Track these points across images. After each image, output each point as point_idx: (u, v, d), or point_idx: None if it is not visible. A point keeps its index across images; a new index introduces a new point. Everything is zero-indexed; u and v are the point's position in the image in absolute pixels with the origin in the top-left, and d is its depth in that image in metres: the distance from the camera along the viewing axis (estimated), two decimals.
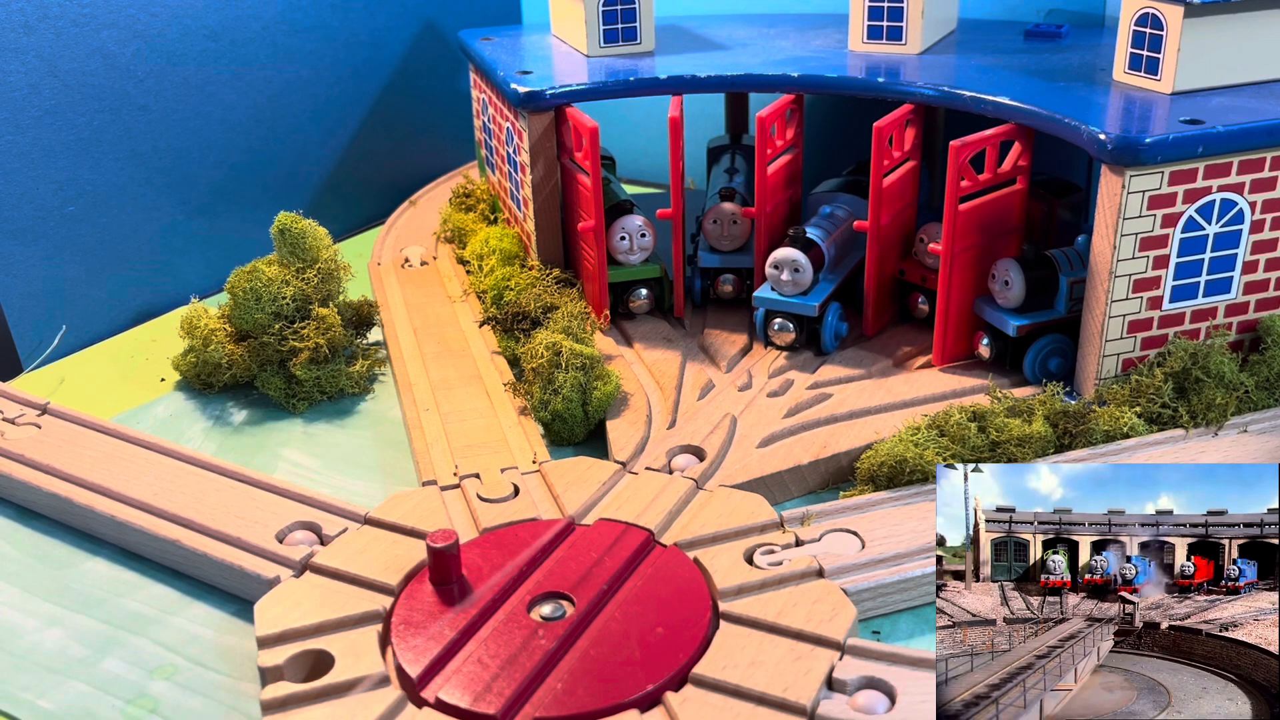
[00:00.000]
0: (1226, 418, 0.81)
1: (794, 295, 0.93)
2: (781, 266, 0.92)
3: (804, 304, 0.92)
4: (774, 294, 0.93)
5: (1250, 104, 0.83)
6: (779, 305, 0.94)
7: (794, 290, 0.93)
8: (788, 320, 0.93)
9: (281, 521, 0.75)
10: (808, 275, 0.92)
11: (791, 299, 0.93)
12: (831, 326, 0.94)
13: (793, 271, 0.92)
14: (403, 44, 1.37)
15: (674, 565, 0.69)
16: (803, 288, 0.92)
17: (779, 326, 0.94)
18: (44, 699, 0.65)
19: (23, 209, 1.03)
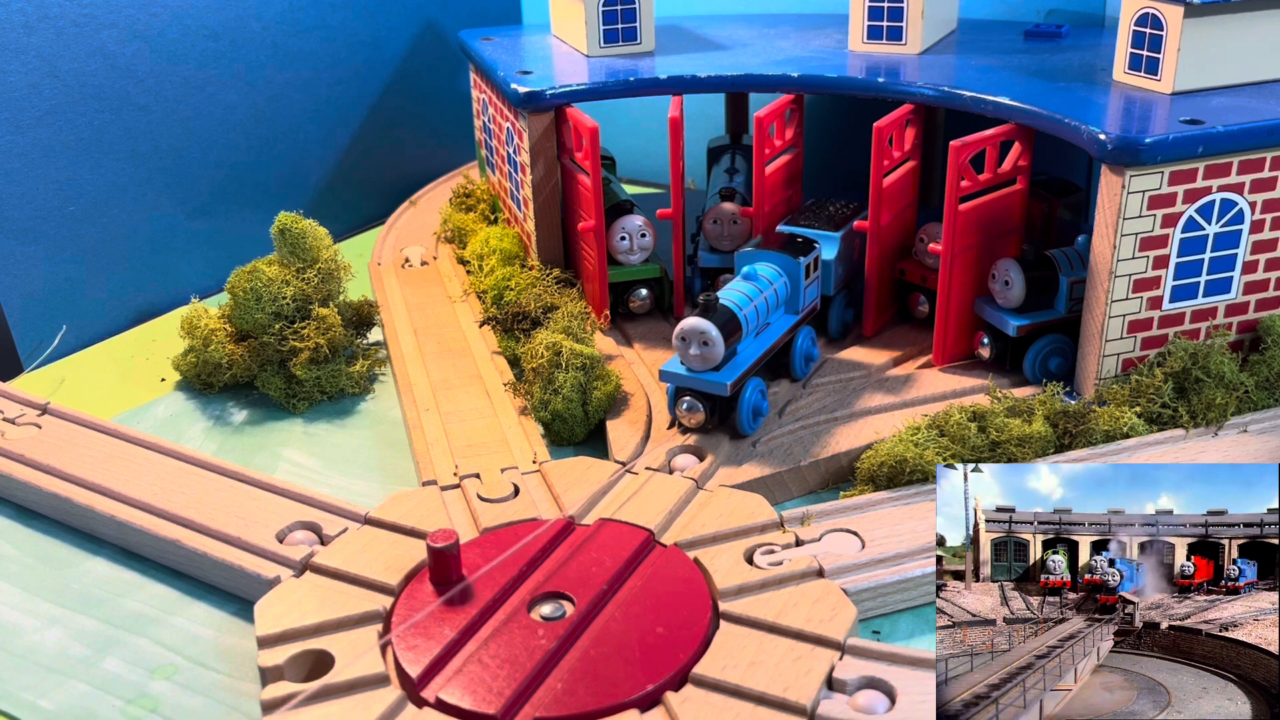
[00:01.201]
0: (1226, 418, 0.81)
1: (704, 371, 0.81)
2: (689, 339, 0.80)
3: (714, 381, 0.80)
4: (681, 369, 0.81)
5: (1250, 104, 0.83)
6: (686, 382, 0.81)
7: (703, 365, 0.80)
8: (697, 399, 0.81)
9: (281, 521, 0.75)
10: (718, 349, 0.79)
11: (700, 375, 0.80)
12: (750, 405, 0.82)
13: (701, 345, 0.79)
14: (403, 44, 1.37)
15: (674, 565, 0.69)
16: (713, 362, 0.80)
17: (687, 406, 0.81)
18: (44, 699, 0.65)
19: (23, 209, 1.03)
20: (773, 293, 0.85)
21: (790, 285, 0.87)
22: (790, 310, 0.88)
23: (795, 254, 0.87)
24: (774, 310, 0.86)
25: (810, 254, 0.88)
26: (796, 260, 0.87)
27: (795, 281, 0.87)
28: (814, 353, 0.91)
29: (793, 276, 0.87)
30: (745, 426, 0.82)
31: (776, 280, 0.86)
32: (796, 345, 0.88)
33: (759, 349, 0.84)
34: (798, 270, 0.87)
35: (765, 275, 0.86)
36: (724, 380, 0.79)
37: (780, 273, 0.87)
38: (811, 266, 0.88)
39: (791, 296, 0.88)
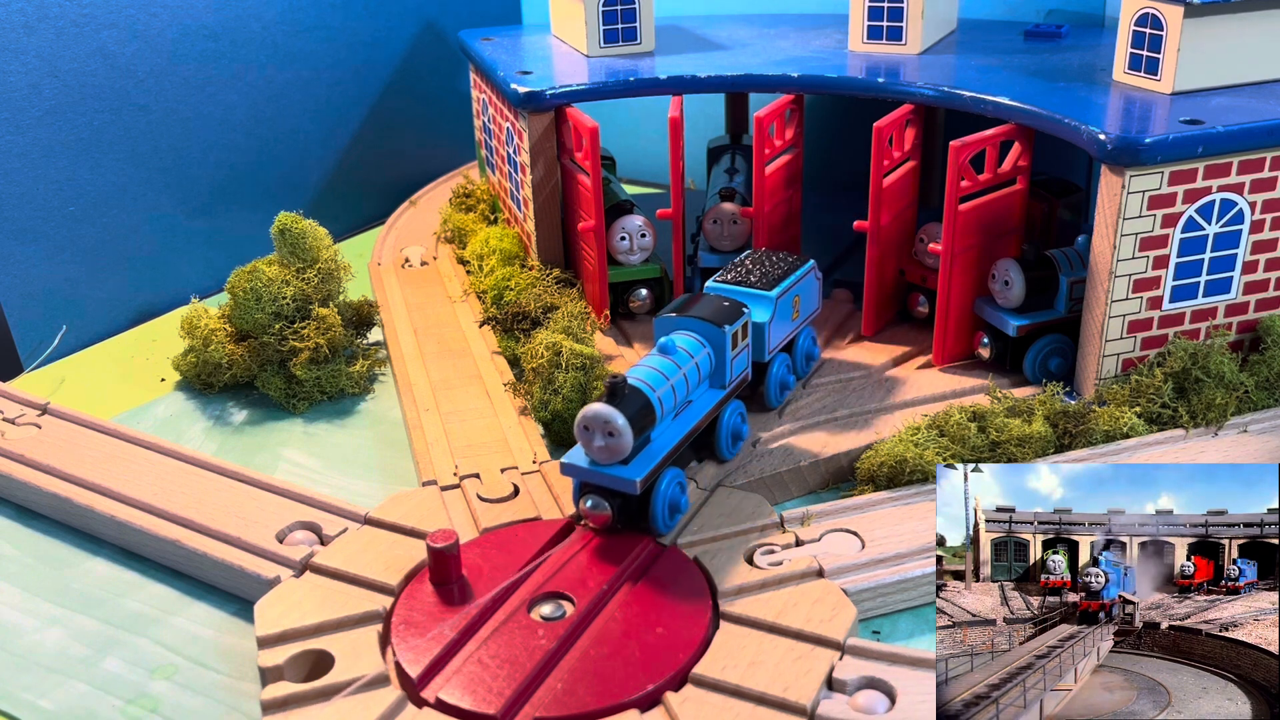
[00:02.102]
0: (1226, 418, 0.81)
1: (610, 464, 0.69)
2: (592, 428, 0.68)
3: (622, 478, 0.69)
4: (585, 461, 0.70)
5: (1250, 104, 0.83)
6: (590, 477, 0.70)
7: (609, 458, 0.69)
8: (602, 498, 0.70)
9: (281, 521, 0.75)
10: (626, 440, 0.68)
11: (606, 470, 0.69)
12: (665, 501, 0.71)
13: (606, 435, 0.68)
14: (403, 44, 1.37)
15: (674, 565, 0.69)
16: (621, 455, 0.69)
17: (591, 504, 0.70)
18: (44, 699, 0.65)
19: (23, 209, 1.03)
20: (693, 367, 0.75)
21: (715, 357, 0.77)
22: (715, 385, 0.78)
23: (720, 321, 0.77)
24: (696, 387, 0.76)
25: (737, 320, 0.78)
26: (721, 329, 0.77)
27: (720, 353, 0.77)
28: (743, 430, 0.81)
29: (717, 347, 0.77)
30: (660, 524, 0.71)
31: (698, 352, 0.76)
32: (723, 423, 0.78)
33: (677, 434, 0.73)
34: (723, 340, 0.77)
35: (685, 347, 0.75)
36: (633, 476, 0.68)
37: (702, 343, 0.76)
38: (740, 334, 0.78)
39: (717, 369, 0.77)
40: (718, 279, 0.86)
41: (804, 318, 0.88)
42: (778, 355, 0.85)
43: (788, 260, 0.88)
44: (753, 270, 0.87)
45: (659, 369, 0.73)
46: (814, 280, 0.89)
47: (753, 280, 0.85)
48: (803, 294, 0.87)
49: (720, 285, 0.86)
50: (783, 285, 0.85)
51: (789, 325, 0.86)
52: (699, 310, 0.78)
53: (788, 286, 0.85)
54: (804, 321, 0.89)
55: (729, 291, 0.85)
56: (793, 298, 0.86)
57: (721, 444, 0.79)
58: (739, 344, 0.79)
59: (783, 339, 0.85)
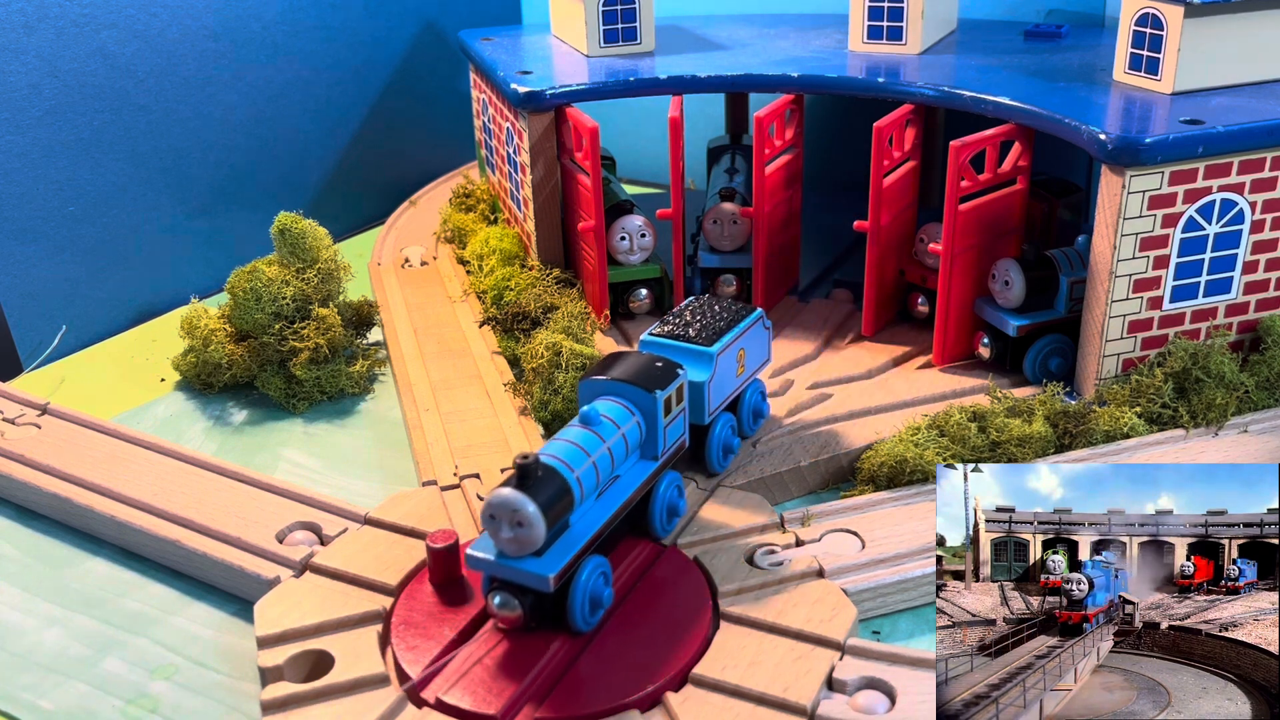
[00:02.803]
0: (1227, 418, 0.81)
1: (520, 557, 0.61)
2: (498, 516, 0.60)
3: (533, 574, 0.60)
4: (491, 554, 0.61)
5: (1250, 104, 0.83)
6: (497, 571, 0.62)
7: (519, 550, 0.60)
8: (512, 595, 0.62)
9: (281, 521, 0.75)
10: (537, 531, 0.59)
11: (515, 563, 0.61)
12: (585, 594, 0.62)
13: (514, 525, 0.59)
14: (403, 44, 1.37)
15: (674, 565, 0.69)
16: (532, 546, 0.60)
17: (499, 602, 0.62)
18: (44, 699, 0.65)
19: (23, 209, 1.03)
20: (620, 439, 0.67)
21: (645, 426, 0.69)
22: (647, 456, 0.70)
23: (651, 385, 0.69)
24: (623, 460, 0.67)
25: (671, 383, 0.70)
26: (652, 394, 0.68)
27: (651, 421, 0.69)
28: (680, 505, 0.72)
29: (648, 415, 0.69)
30: (579, 621, 0.62)
31: (626, 421, 0.68)
32: (657, 499, 0.70)
33: (601, 516, 0.64)
34: (654, 407, 0.69)
35: (610, 416, 0.67)
36: (546, 572, 0.60)
37: (631, 410, 0.69)
38: (674, 398, 0.70)
39: (648, 439, 0.69)
40: (654, 332, 0.78)
41: (750, 372, 0.81)
42: (720, 416, 0.77)
43: (732, 309, 0.81)
44: (692, 322, 0.79)
45: (579, 444, 0.64)
46: (762, 330, 0.82)
47: (691, 334, 0.77)
48: (749, 346, 0.80)
49: (656, 339, 0.78)
50: (725, 339, 0.77)
51: (733, 382, 0.79)
52: (627, 373, 0.70)
53: (731, 340, 0.78)
54: (751, 376, 0.81)
55: (664, 348, 0.77)
56: (737, 351, 0.78)
57: (655, 522, 0.70)
58: (673, 409, 0.70)
59: (726, 398, 0.78)
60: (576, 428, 0.66)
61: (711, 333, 0.77)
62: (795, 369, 0.92)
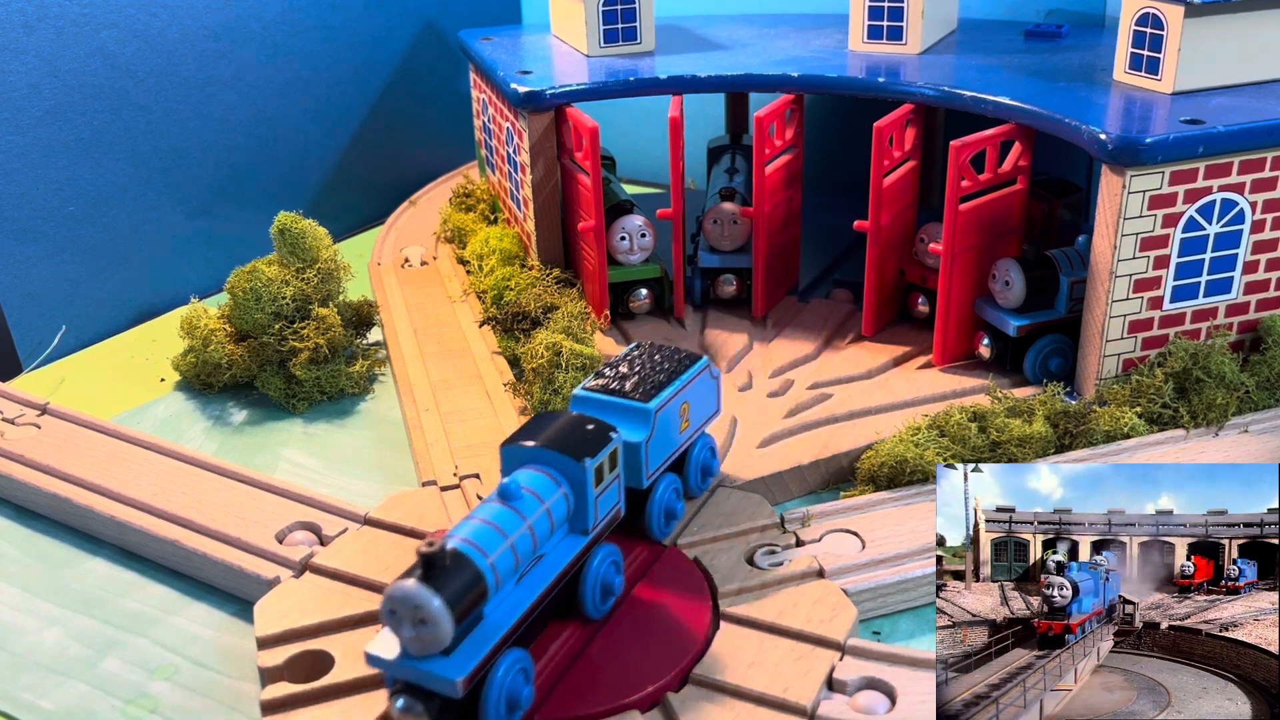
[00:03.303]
0: (1227, 418, 0.81)
1: (425, 657, 0.54)
2: (399, 613, 0.53)
3: (438, 675, 0.53)
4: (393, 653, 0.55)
5: (1251, 104, 0.83)
6: (399, 671, 0.55)
7: (423, 650, 0.54)
8: (416, 698, 0.54)
9: (281, 522, 0.75)
10: (443, 630, 0.53)
11: (419, 664, 0.54)
12: (502, 692, 0.56)
13: (417, 623, 0.53)
14: (403, 44, 1.37)
15: (674, 565, 0.69)
16: (438, 646, 0.53)
17: (402, 706, 0.54)
18: (44, 699, 0.65)
19: (23, 209, 1.03)
20: (543, 515, 0.60)
21: (574, 497, 0.62)
22: (576, 529, 0.63)
23: (579, 452, 0.62)
24: (548, 538, 0.61)
25: (602, 450, 0.63)
26: (580, 463, 0.61)
27: (580, 492, 0.62)
28: (615, 583, 0.65)
29: (576, 485, 0.62)
30: None
31: (551, 494, 0.61)
32: (589, 576, 0.63)
33: (521, 604, 0.58)
34: (583, 477, 0.61)
35: (532, 489, 0.60)
36: (453, 675, 0.53)
37: (557, 481, 0.62)
38: (606, 465, 0.63)
39: (577, 512, 0.62)
40: (587, 386, 0.71)
41: (696, 426, 0.74)
42: (662, 478, 0.70)
43: (675, 359, 0.74)
44: (629, 375, 0.72)
45: (494, 523, 0.57)
46: (708, 380, 0.75)
47: (627, 388, 0.70)
48: (694, 398, 0.73)
49: (589, 395, 0.71)
50: (665, 393, 0.70)
51: (675, 440, 0.71)
52: (552, 439, 0.63)
53: (672, 394, 0.71)
54: (697, 430, 0.74)
55: (598, 404, 0.70)
56: (679, 405, 0.71)
57: (587, 601, 0.63)
58: (606, 477, 0.63)
59: (667, 459, 0.71)
60: (494, 504, 0.59)
61: (650, 386, 0.70)
62: (795, 369, 0.92)
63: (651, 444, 0.68)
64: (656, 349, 0.75)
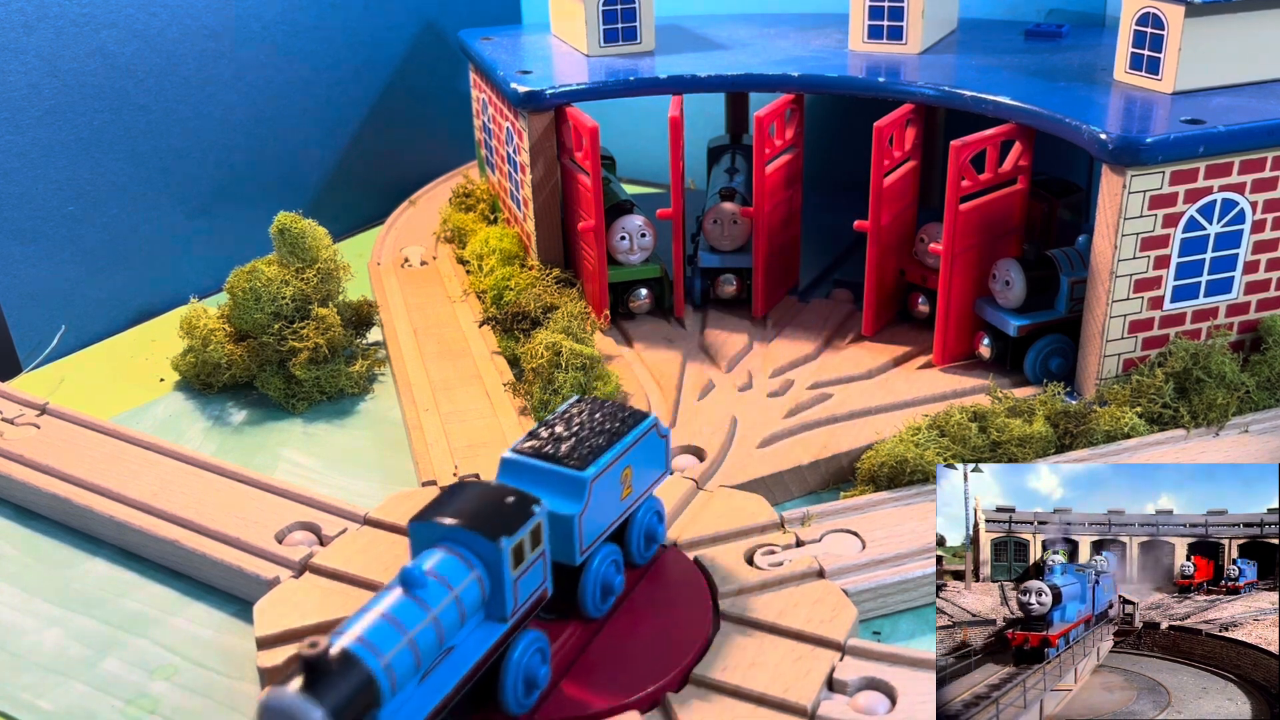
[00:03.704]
0: (1228, 418, 0.81)
1: None
2: None
3: None
4: None
5: (1251, 104, 0.83)
6: None
7: None
8: None
9: (281, 522, 0.75)
10: None
11: None
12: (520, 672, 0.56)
13: None
14: (403, 44, 1.37)
15: (674, 565, 0.69)
16: None
17: None
18: (44, 699, 0.65)
19: (22, 209, 1.03)
20: (452, 603, 0.53)
21: (489, 581, 0.55)
22: (494, 616, 0.56)
23: (494, 532, 0.55)
24: (458, 628, 0.54)
25: (521, 528, 0.55)
26: (495, 543, 0.54)
27: (496, 574, 0.55)
28: (539, 674, 0.58)
29: (491, 567, 0.55)
30: None
31: (461, 578, 0.54)
32: (510, 667, 0.56)
33: (425, 705, 0.52)
34: (499, 559, 0.55)
35: (440, 574, 0.54)
36: None
37: (469, 564, 0.55)
38: (528, 544, 0.56)
39: (493, 597, 0.55)
40: (518, 448, 0.63)
41: (640, 492, 0.66)
42: (599, 550, 0.63)
43: (619, 416, 0.66)
44: (565, 435, 0.64)
45: (392, 617, 0.51)
46: (655, 439, 0.67)
47: (562, 452, 0.62)
48: (638, 462, 0.65)
49: (519, 458, 0.63)
50: (604, 459, 0.62)
51: (615, 509, 0.64)
52: (465, 514, 0.56)
53: (613, 458, 0.63)
54: (641, 496, 0.67)
55: (528, 470, 0.62)
56: (620, 471, 0.64)
57: (508, 695, 0.56)
58: (527, 557, 0.56)
59: (605, 531, 0.63)
60: (395, 593, 0.52)
61: (588, 450, 0.62)
62: (795, 369, 0.92)
63: (586, 517, 0.61)
64: (599, 406, 0.67)
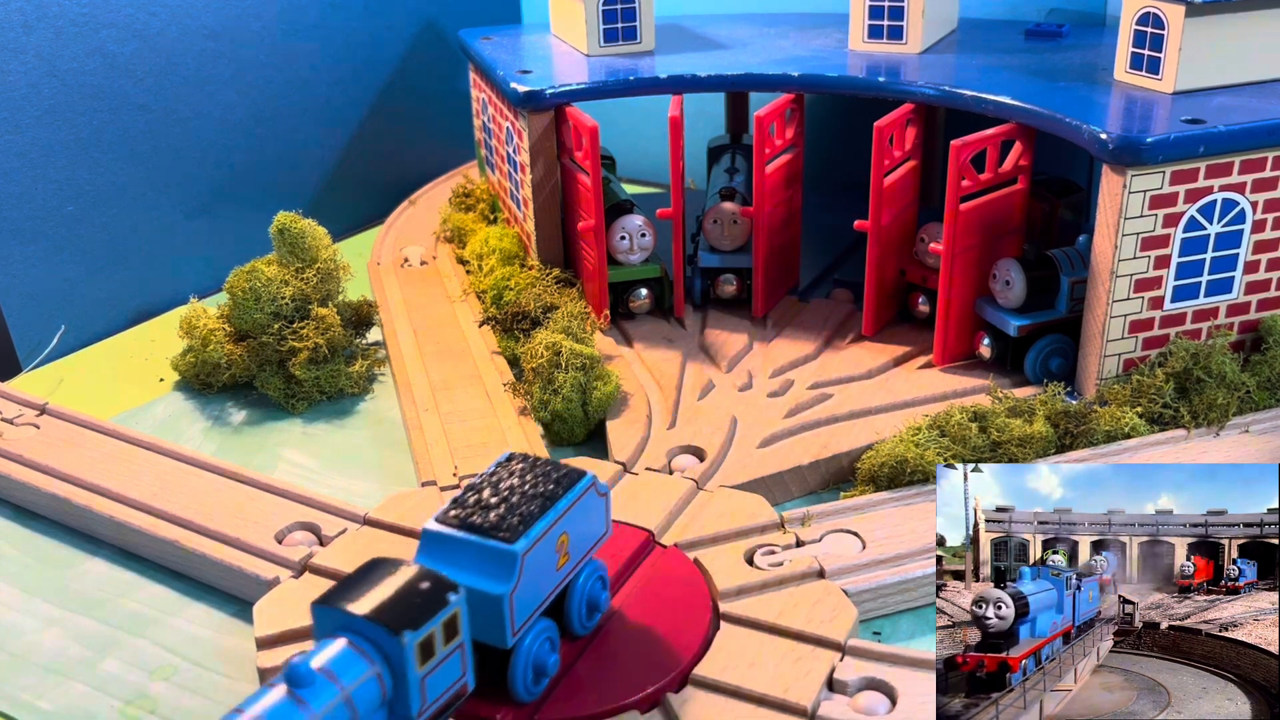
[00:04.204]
0: (1228, 418, 0.81)
1: None
2: None
3: None
4: None
5: (1251, 103, 0.83)
6: None
7: None
8: None
9: (281, 522, 0.75)
10: None
11: None
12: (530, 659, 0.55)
13: None
14: (403, 44, 1.37)
15: (674, 565, 0.69)
16: None
17: None
18: (44, 699, 0.65)
19: (22, 209, 1.03)
20: (341, 706, 0.47)
21: (390, 679, 0.49)
22: (398, 717, 0.50)
23: (396, 622, 0.49)
24: None
25: (431, 620, 0.50)
26: (398, 638, 0.49)
27: (400, 673, 0.49)
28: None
29: (395, 664, 0.49)
30: None
31: (356, 675, 0.48)
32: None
33: None
34: (402, 655, 0.49)
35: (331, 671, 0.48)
36: None
37: (368, 659, 0.49)
38: (439, 637, 0.51)
39: (396, 697, 0.49)
40: (441, 517, 0.57)
41: (578, 558, 0.60)
42: (533, 626, 0.57)
43: (553, 478, 0.59)
44: (494, 503, 0.57)
45: None
46: (594, 499, 0.60)
47: (490, 522, 0.56)
48: (576, 526, 0.59)
49: (441, 531, 0.56)
50: (536, 528, 0.56)
51: (551, 580, 0.58)
52: (370, 601, 0.50)
53: (546, 527, 0.57)
54: (580, 562, 0.61)
55: (451, 543, 0.55)
56: (556, 539, 0.58)
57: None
58: (438, 652, 0.50)
59: (539, 607, 0.58)
60: (277, 693, 0.46)
61: (518, 519, 0.56)
62: (795, 369, 0.92)
63: (518, 595, 0.55)
64: (533, 464, 0.60)
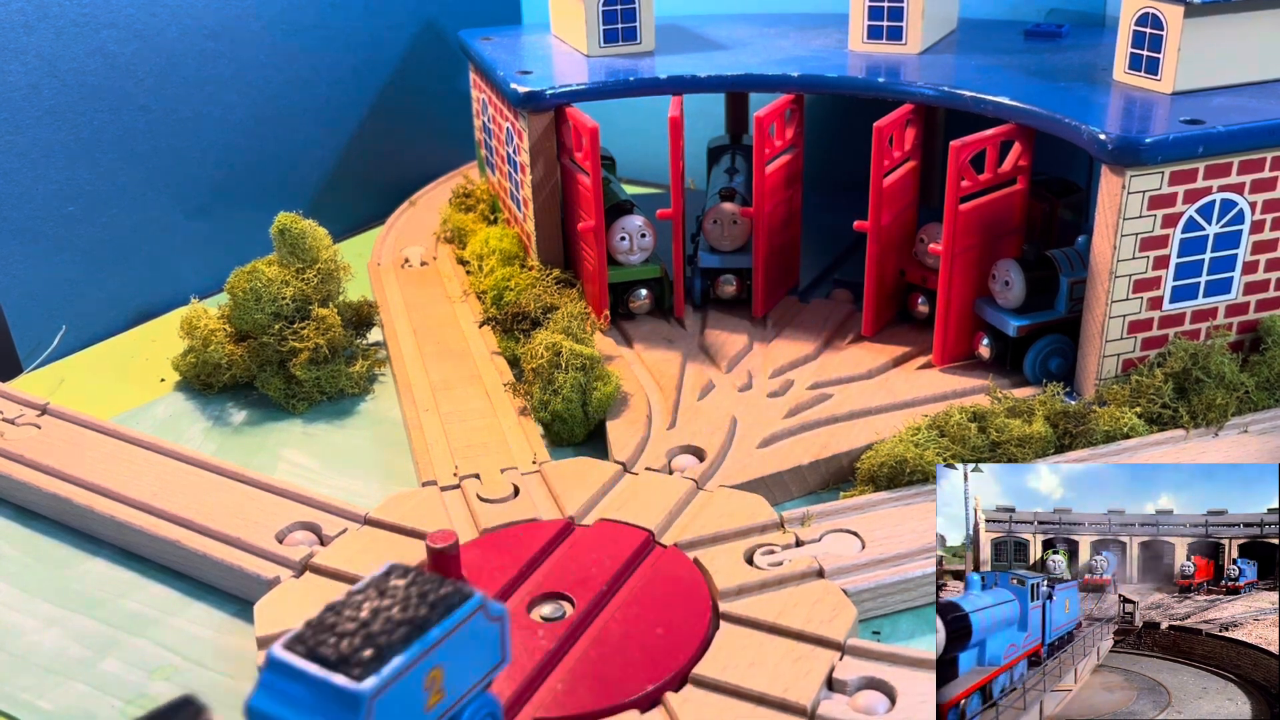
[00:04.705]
0: (1227, 418, 0.81)
1: None
2: None
3: None
4: None
5: (1250, 104, 0.83)
6: None
7: None
8: None
9: (281, 522, 0.75)
10: None
11: None
12: None
13: None
14: (403, 44, 1.37)
15: (674, 565, 0.69)
16: None
17: None
18: (44, 699, 0.65)
19: (22, 209, 1.03)
20: None
21: None
22: None
23: None
24: None
25: None
26: None
27: None
28: None
29: None
30: None
31: None
32: None
33: None
34: None
35: None
36: None
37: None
38: None
39: None
40: (290, 642, 0.46)
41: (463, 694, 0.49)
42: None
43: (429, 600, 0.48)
44: (352, 629, 0.46)
45: None
46: (483, 624, 0.49)
47: (341, 653, 0.45)
48: (455, 657, 0.48)
49: (285, 661, 0.46)
50: (395, 664, 0.45)
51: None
52: None
53: (411, 661, 0.45)
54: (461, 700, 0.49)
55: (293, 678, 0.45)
56: (425, 675, 0.46)
57: None
58: None
59: None
60: None
61: (373, 651, 0.45)
62: (795, 369, 0.92)
63: None
64: (413, 580, 0.49)
